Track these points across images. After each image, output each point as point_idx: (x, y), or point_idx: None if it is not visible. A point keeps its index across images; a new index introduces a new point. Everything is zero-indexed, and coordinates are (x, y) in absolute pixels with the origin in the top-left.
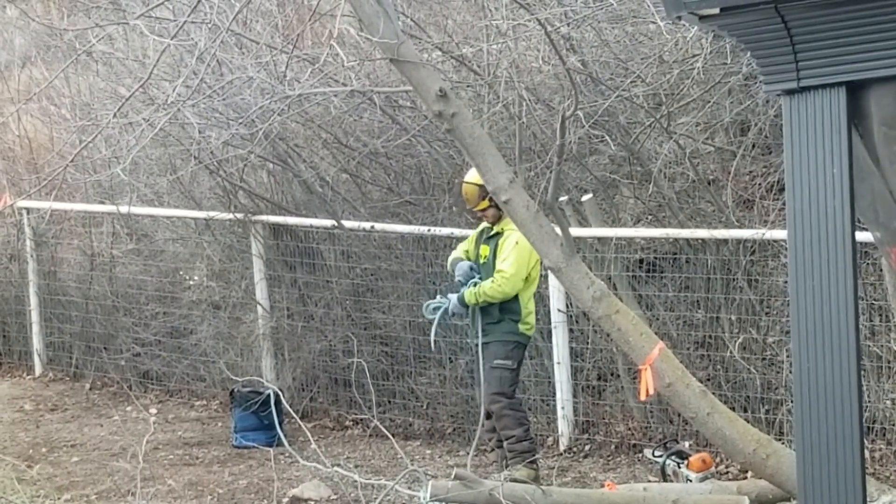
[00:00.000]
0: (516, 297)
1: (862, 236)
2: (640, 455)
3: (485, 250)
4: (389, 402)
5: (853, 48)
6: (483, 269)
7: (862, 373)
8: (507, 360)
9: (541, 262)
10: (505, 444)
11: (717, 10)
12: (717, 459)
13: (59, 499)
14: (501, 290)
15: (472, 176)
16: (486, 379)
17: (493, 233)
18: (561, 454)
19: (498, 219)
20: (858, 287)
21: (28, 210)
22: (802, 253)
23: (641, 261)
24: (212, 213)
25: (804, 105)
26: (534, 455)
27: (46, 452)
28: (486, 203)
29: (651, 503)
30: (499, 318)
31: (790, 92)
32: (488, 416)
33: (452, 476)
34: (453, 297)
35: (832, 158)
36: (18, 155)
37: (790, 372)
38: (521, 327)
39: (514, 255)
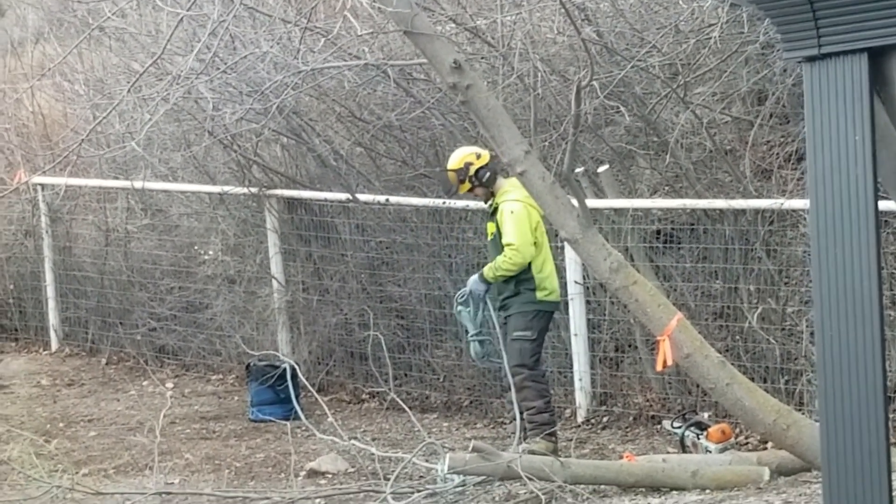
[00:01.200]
0: (529, 266)
1: (884, 205)
2: (659, 426)
3: (490, 227)
4: (406, 375)
5: (875, 14)
6: (492, 245)
7: (885, 342)
8: (526, 331)
9: (546, 225)
10: (525, 415)
11: None
12: (737, 430)
13: (76, 473)
14: (513, 260)
15: (452, 161)
16: (506, 351)
17: (492, 209)
18: (579, 426)
19: (490, 195)
20: (881, 256)
21: (43, 186)
22: (824, 222)
23: (658, 231)
24: (226, 188)
25: (825, 72)
26: (553, 427)
27: (64, 427)
28: (466, 186)
29: (670, 474)
30: (515, 290)
31: (811, 59)
32: (509, 387)
33: (470, 448)
34: (473, 276)
35: (854, 126)
36: (33, 131)
37: (810, 342)
38: (539, 294)
39: (512, 223)
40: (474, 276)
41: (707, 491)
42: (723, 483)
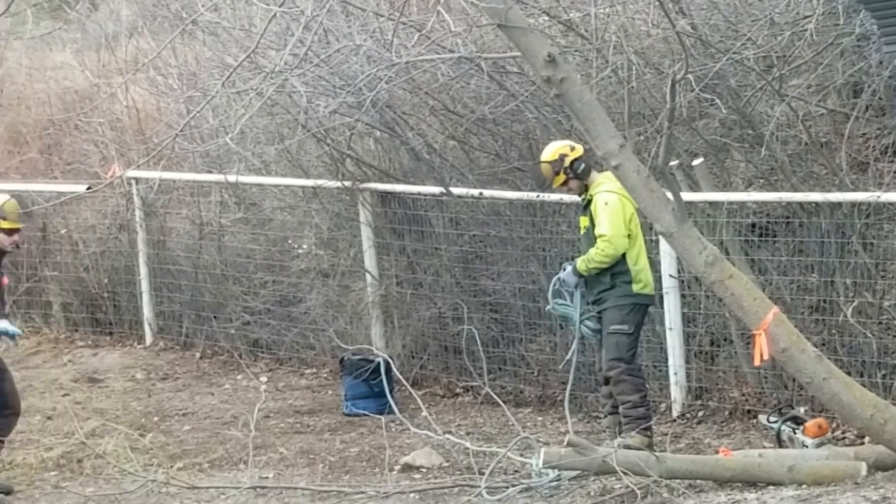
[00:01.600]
0: (623, 257)
1: None
2: (755, 421)
3: (583, 221)
4: (500, 369)
5: None
6: (585, 240)
7: None
8: (622, 325)
9: (640, 218)
10: (621, 409)
11: None
12: (833, 425)
13: (171, 467)
14: (605, 252)
15: (546, 153)
16: (604, 345)
17: (585, 202)
18: (674, 420)
19: (584, 188)
20: None
21: (137, 180)
22: None
23: (754, 225)
24: (320, 182)
25: None
26: (649, 422)
27: (158, 421)
28: (561, 177)
29: (766, 469)
30: (611, 283)
31: None
32: (606, 381)
33: (565, 443)
34: (568, 268)
35: None
36: (127, 125)
37: None
38: (635, 287)
39: (606, 214)
40: (568, 269)
41: (804, 486)
42: (819, 478)
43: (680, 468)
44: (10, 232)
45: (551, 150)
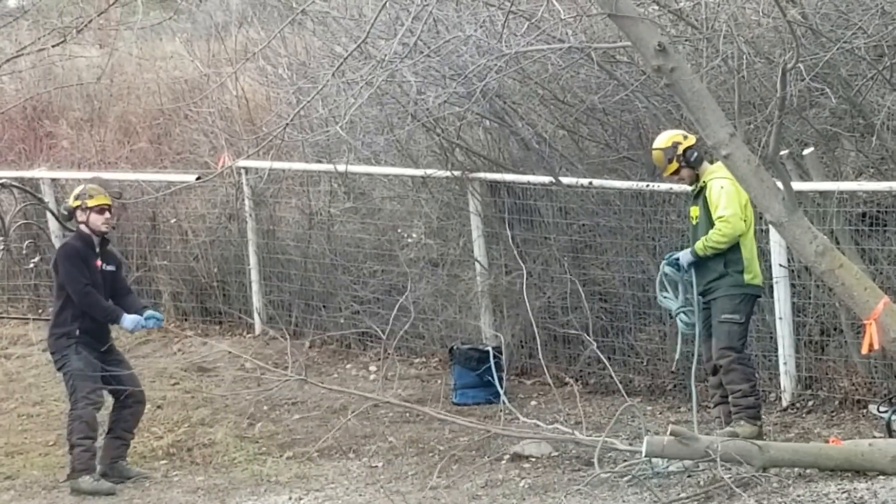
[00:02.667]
0: (738, 247)
1: None
2: (865, 411)
3: (694, 211)
4: (609, 358)
5: None
6: (696, 230)
7: None
8: (734, 314)
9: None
10: (730, 398)
11: None
12: None
13: (280, 456)
14: (723, 231)
15: (659, 141)
16: (714, 334)
17: (696, 191)
18: (784, 410)
19: (695, 178)
20: None
21: (247, 170)
22: None
23: (864, 214)
24: (429, 171)
25: None
26: (758, 411)
27: (268, 410)
28: (674, 165)
29: (870, 458)
30: (723, 271)
31: None
32: (715, 370)
33: (668, 432)
34: (686, 252)
35: None
36: (236, 115)
37: None
38: (747, 277)
39: (724, 197)
40: (685, 252)
41: None
42: None
43: (783, 457)
44: (100, 210)
45: (664, 138)
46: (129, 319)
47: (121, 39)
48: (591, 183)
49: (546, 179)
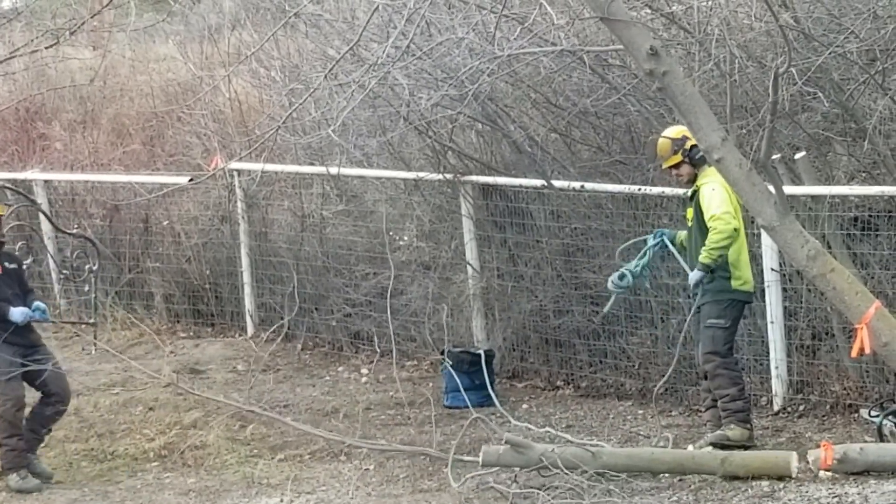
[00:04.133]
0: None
1: None
2: (856, 415)
3: (689, 213)
4: (601, 362)
5: None
6: (689, 234)
7: None
8: (719, 319)
9: (742, 213)
10: (719, 402)
11: None
12: None
13: (272, 458)
14: (719, 229)
15: (669, 131)
16: (700, 339)
17: (691, 193)
18: (775, 414)
19: (692, 178)
20: None
21: (239, 172)
22: None
23: (856, 219)
24: (421, 174)
25: None
26: (747, 415)
27: (259, 412)
28: (677, 158)
29: (700, 462)
30: (710, 277)
31: None
32: (706, 375)
33: (503, 441)
34: (693, 273)
35: None
36: (229, 117)
37: None
38: (734, 283)
39: (715, 198)
40: (692, 273)
41: None
42: (751, 470)
43: (616, 462)
44: None
45: (674, 130)
46: (16, 312)
47: (114, 41)
48: (583, 186)
49: (538, 183)
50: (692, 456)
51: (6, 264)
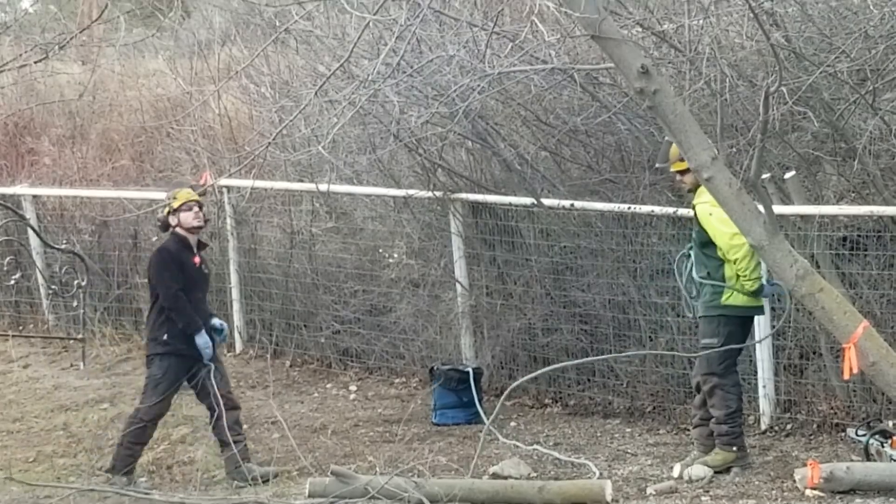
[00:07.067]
0: (721, 266)
1: None
2: (843, 434)
3: (695, 225)
4: (589, 380)
5: None
6: (696, 246)
7: None
8: (712, 339)
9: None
10: (711, 423)
11: None
12: None
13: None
14: (737, 255)
15: None
16: (698, 359)
17: (692, 207)
18: (763, 433)
19: (696, 187)
20: None
21: (228, 188)
22: None
23: (845, 238)
24: (411, 192)
25: None
26: (734, 438)
27: (248, 429)
28: (685, 164)
29: (519, 490)
30: (701, 291)
31: None
32: (698, 388)
33: (329, 472)
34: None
35: None
36: (219, 133)
37: None
38: (725, 298)
39: (717, 222)
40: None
41: None
42: (568, 497)
43: (437, 492)
44: (187, 207)
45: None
46: (202, 340)
47: (103, 56)
48: (572, 205)
49: (528, 201)
50: (510, 485)
51: (203, 268)
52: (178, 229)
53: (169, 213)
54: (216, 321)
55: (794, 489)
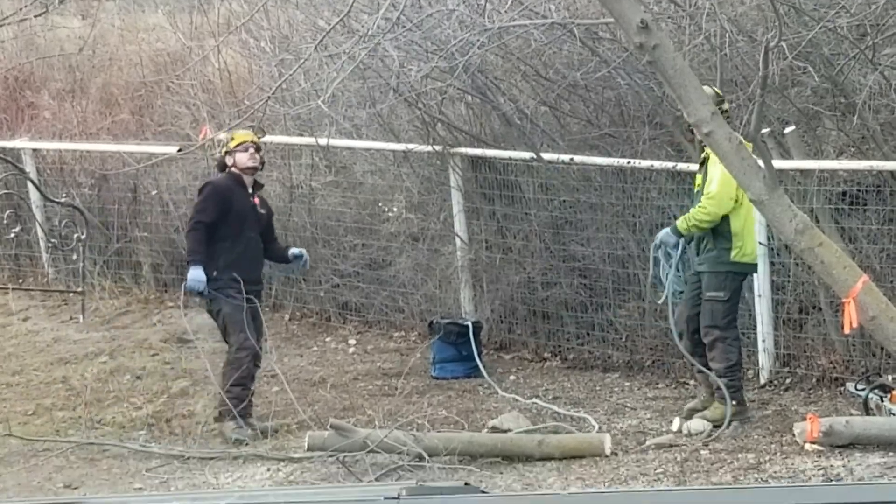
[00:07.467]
0: (728, 223)
1: None
2: (843, 389)
3: (698, 180)
4: (588, 334)
5: None
6: (696, 198)
7: None
8: (718, 292)
9: None
10: (711, 375)
11: None
12: None
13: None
14: (707, 211)
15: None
16: (701, 311)
17: (702, 159)
18: (762, 387)
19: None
20: None
21: None
22: None
23: (844, 193)
24: (410, 146)
25: None
26: (734, 392)
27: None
28: None
29: (518, 444)
30: (710, 247)
31: None
32: (679, 336)
33: (329, 425)
34: (665, 231)
35: None
36: (218, 88)
37: None
38: (734, 254)
39: (719, 174)
40: (665, 230)
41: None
42: (566, 451)
43: (437, 445)
44: (244, 148)
45: (709, 90)
46: (195, 273)
47: (103, 10)
48: (572, 159)
49: (527, 155)
50: (510, 439)
51: (259, 208)
52: (233, 169)
53: (225, 153)
54: (294, 250)
55: (793, 443)
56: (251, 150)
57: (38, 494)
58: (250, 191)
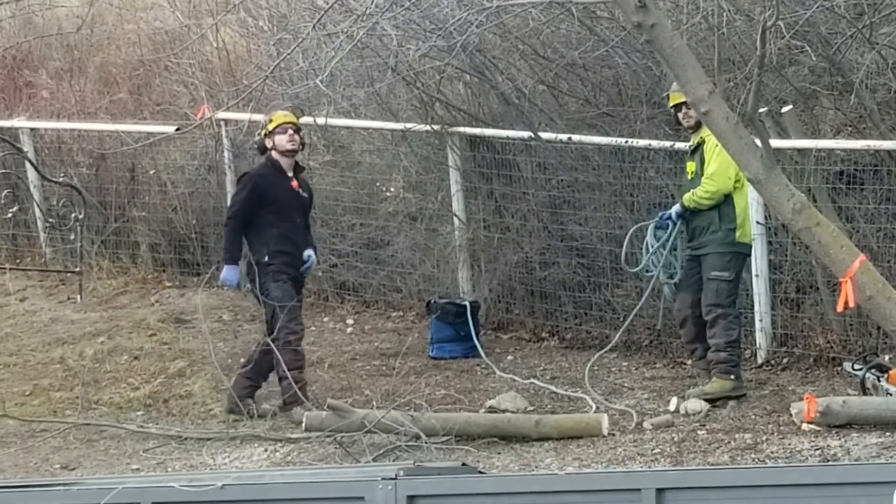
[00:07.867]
0: (732, 204)
1: None
2: (840, 368)
3: (690, 167)
4: (586, 314)
5: None
6: (691, 185)
7: None
8: (724, 272)
9: None
10: (710, 353)
11: None
12: None
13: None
14: (708, 189)
15: None
16: (704, 290)
17: (694, 145)
18: (759, 367)
19: (696, 127)
20: None
21: (226, 121)
22: None
23: (841, 172)
24: (409, 125)
25: None
26: (731, 366)
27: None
28: None
29: (515, 424)
30: (715, 228)
31: None
32: (682, 323)
33: (326, 406)
34: (676, 206)
35: None
36: (216, 67)
37: None
38: (738, 235)
39: (719, 154)
40: (676, 206)
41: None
42: (563, 431)
43: (434, 426)
44: (282, 130)
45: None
46: (229, 273)
47: None
48: (570, 138)
49: (525, 134)
50: (507, 419)
51: (301, 192)
52: (273, 152)
53: (265, 135)
54: (308, 251)
55: (790, 423)
56: (290, 131)
57: (36, 475)
58: (290, 174)
